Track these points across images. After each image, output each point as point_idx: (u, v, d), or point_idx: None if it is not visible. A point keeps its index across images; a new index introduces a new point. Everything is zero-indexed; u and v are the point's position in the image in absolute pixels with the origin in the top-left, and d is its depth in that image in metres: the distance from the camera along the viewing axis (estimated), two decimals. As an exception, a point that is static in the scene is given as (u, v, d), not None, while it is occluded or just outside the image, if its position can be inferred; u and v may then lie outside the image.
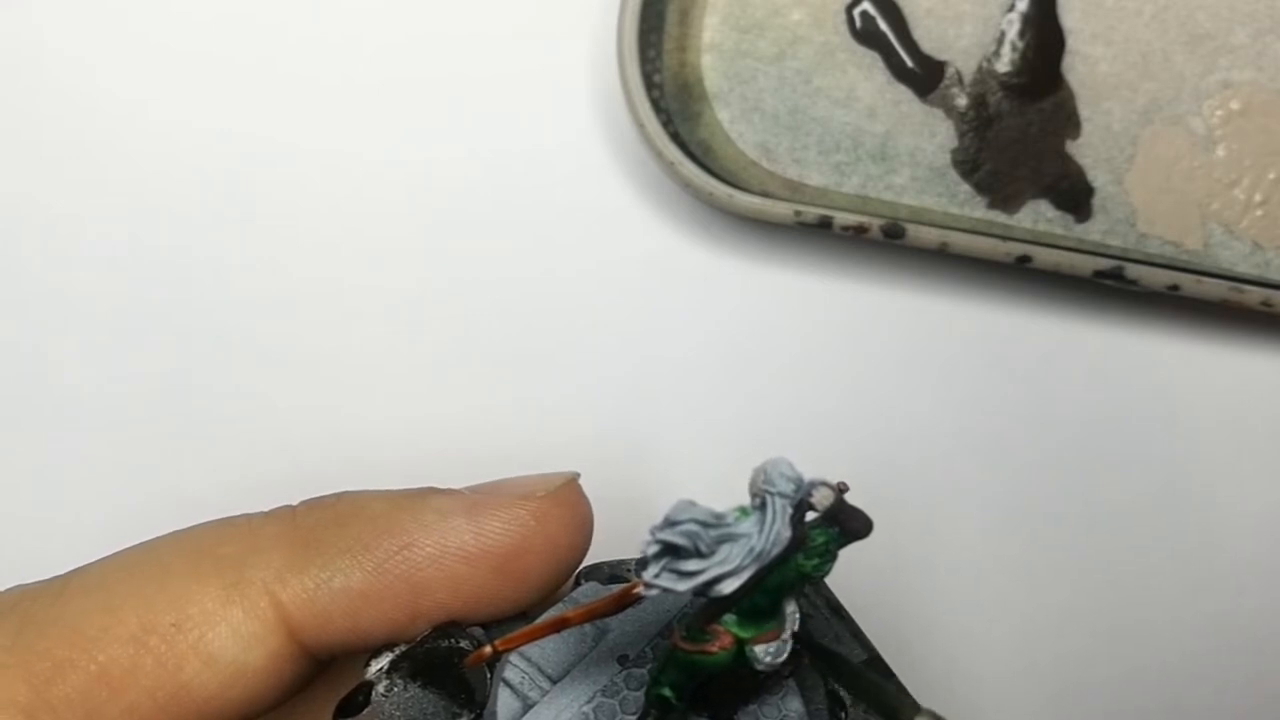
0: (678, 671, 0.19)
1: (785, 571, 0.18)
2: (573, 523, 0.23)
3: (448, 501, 0.22)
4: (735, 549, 0.18)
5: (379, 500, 0.22)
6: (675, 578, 0.18)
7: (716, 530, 0.18)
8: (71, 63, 0.35)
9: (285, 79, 0.36)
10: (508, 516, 0.22)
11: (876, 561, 0.35)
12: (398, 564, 0.22)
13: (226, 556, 0.22)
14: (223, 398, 0.35)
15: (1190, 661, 0.36)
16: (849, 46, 0.34)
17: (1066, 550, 0.36)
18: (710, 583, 0.18)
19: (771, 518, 0.18)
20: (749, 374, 0.36)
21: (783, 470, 0.18)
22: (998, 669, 0.36)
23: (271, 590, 0.21)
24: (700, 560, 0.18)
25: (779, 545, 0.18)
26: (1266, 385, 0.36)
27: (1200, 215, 0.34)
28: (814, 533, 0.19)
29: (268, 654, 0.21)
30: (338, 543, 0.22)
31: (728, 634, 0.19)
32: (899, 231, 0.33)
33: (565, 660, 0.21)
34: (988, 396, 0.36)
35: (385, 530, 0.22)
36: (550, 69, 0.35)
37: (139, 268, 0.35)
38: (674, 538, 0.17)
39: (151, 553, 0.22)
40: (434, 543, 0.22)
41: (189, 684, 0.21)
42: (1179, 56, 0.34)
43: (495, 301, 0.36)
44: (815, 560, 0.19)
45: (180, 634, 0.21)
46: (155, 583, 0.21)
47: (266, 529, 0.22)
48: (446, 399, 0.35)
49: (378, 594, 0.22)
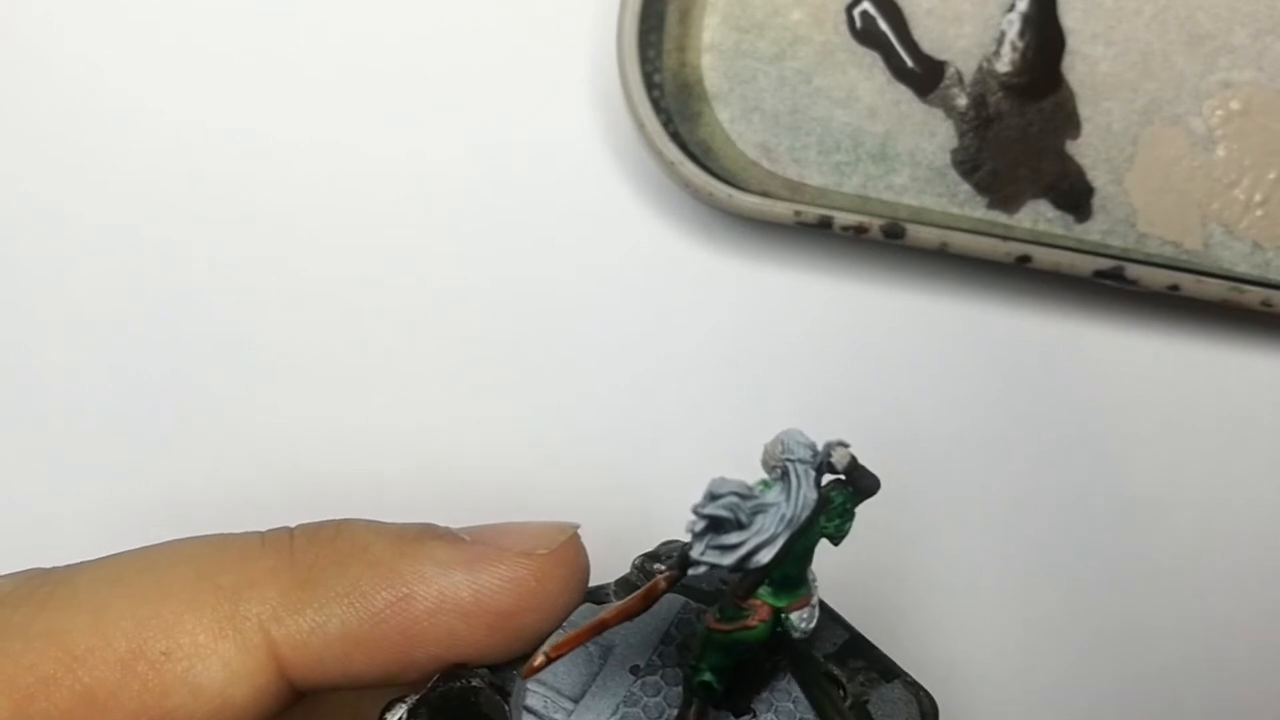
0: (718, 655, 0.20)
1: (810, 536, 0.19)
2: (571, 580, 0.22)
3: (447, 552, 0.22)
4: (768, 519, 0.18)
5: (379, 542, 0.22)
6: (719, 553, 0.18)
7: (751, 501, 0.18)
8: (71, 60, 0.35)
9: (286, 83, 0.36)
10: (508, 575, 0.22)
11: (877, 561, 0.35)
12: (394, 614, 0.22)
13: (222, 586, 0.21)
14: (221, 396, 0.35)
15: (1190, 662, 0.36)
16: (849, 46, 0.34)
17: (1066, 550, 0.36)
18: (750, 554, 0.18)
19: (796, 484, 0.19)
20: (749, 373, 0.36)
21: (798, 438, 0.19)
22: (998, 668, 0.36)
23: (266, 628, 0.21)
24: (740, 532, 0.18)
25: (808, 509, 0.19)
26: (1266, 385, 0.36)
27: (1200, 215, 0.34)
28: (833, 495, 0.19)
29: (255, 689, 0.21)
30: (336, 586, 0.22)
31: (765, 605, 0.20)
32: (899, 231, 0.33)
33: (580, 680, 0.21)
34: (988, 396, 0.36)
35: (384, 580, 0.22)
36: (550, 69, 0.35)
37: (138, 267, 0.35)
38: (719, 511, 0.18)
39: (144, 569, 0.22)
40: (433, 596, 0.22)
41: (173, 712, 0.21)
42: (1179, 56, 0.34)
43: (495, 301, 0.36)
44: (836, 521, 0.19)
45: (170, 662, 0.21)
46: (148, 605, 0.21)
47: (264, 561, 0.22)
48: (445, 399, 0.36)
49: (373, 642, 0.22)
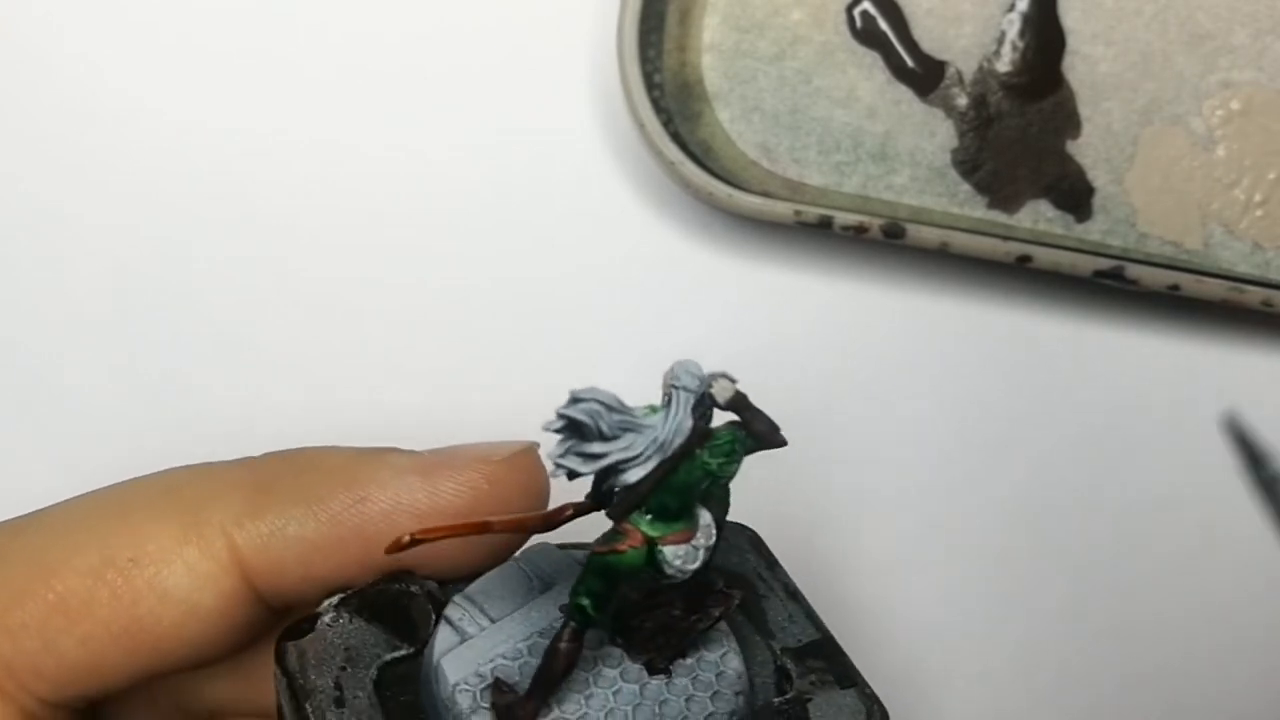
0: (595, 578, 0.19)
1: (692, 469, 0.19)
2: (528, 489, 0.23)
3: (404, 460, 0.23)
4: (640, 439, 0.18)
5: (338, 454, 0.23)
6: (579, 460, 0.18)
7: (620, 416, 0.18)
8: (71, 60, 0.35)
9: (286, 85, 0.36)
10: (461, 479, 0.22)
11: (876, 561, 0.35)
12: (351, 516, 0.22)
13: (186, 498, 0.22)
14: (221, 395, 0.35)
15: (1190, 662, 0.36)
16: (849, 46, 0.34)
17: (1066, 550, 0.36)
18: (613, 468, 0.18)
19: (675, 410, 0.19)
20: (748, 374, 0.36)
21: (689, 368, 0.19)
22: (998, 668, 0.36)
23: (228, 532, 0.22)
24: (604, 443, 0.18)
25: (681, 435, 0.18)
26: (1266, 385, 0.36)
27: (1200, 215, 0.34)
28: (719, 431, 0.19)
29: (221, 594, 0.22)
30: (294, 491, 0.22)
31: (637, 532, 0.19)
32: (899, 231, 0.33)
33: (508, 605, 0.21)
34: (988, 396, 0.36)
35: (341, 483, 0.22)
36: (550, 69, 0.35)
37: (137, 265, 0.35)
38: (575, 413, 0.18)
39: (114, 493, 0.23)
40: (388, 498, 0.22)
41: (143, 618, 0.22)
42: (1179, 56, 0.34)
43: (495, 301, 0.36)
44: (720, 459, 0.19)
45: (137, 569, 0.22)
46: (115, 519, 0.22)
47: (227, 474, 0.23)
48: (445, 398, 0.36)
49: (331, 544, 0.22)
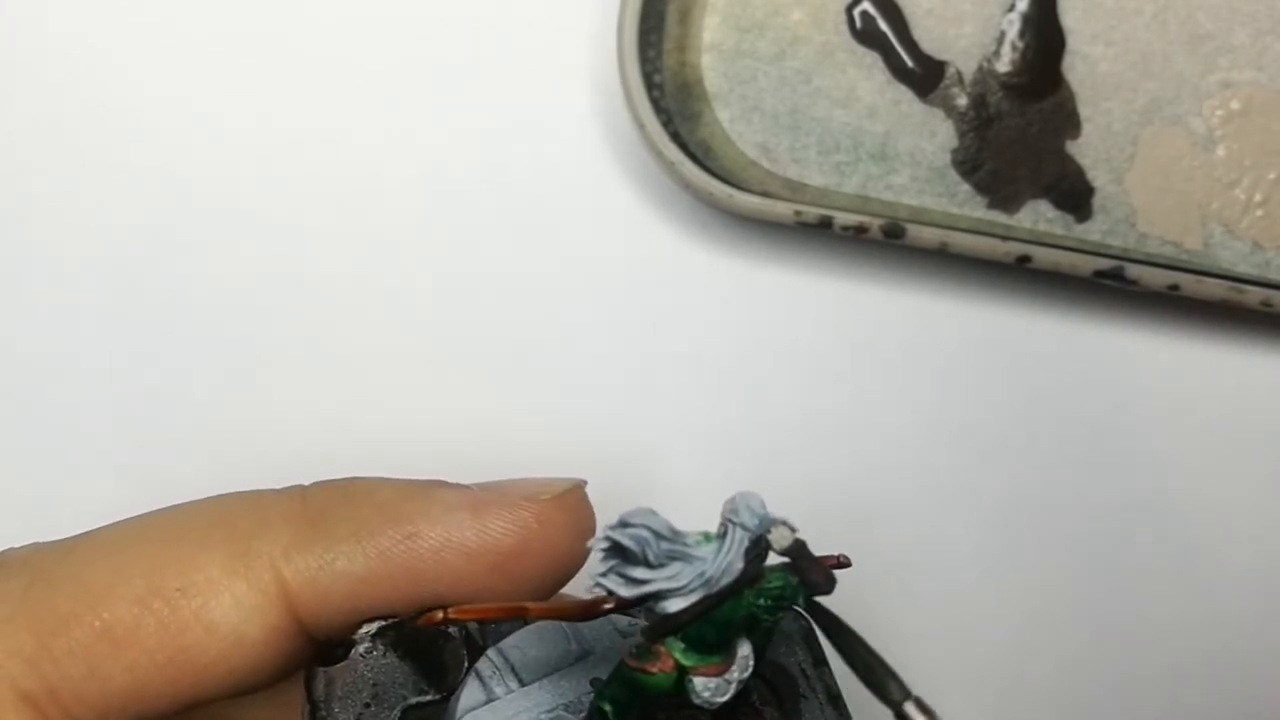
0: (621, 688, 0.19)
1: (737, 607, 0.18)
2: (575, 529, 0.23)
3: (454, 496, 0.23)
4: (687, 570, 0.18)
5: (388, 488, 0.23)
6: (621, 582, 0.18)
7: (670, 545, 0.18)
8: (71, 60, 0.35)
9: (285, 83, 0.36)
10: (511, 517, 0.22)
11: (875, 561, 0.35)
12: (401, 552, 0.22)
13: (235, 528, 0.22)
14: (220, 394, 0.35)
15: (1189, 663, 0.36)
16: (849, 46, 0.34)
17: (1066, 550, 0.36)
18: (654, 596, 0.18)
19: (728, 547, 0.18)
20: (748, 374, 0.36)
21: (750, 504, 0.18)
22: (998, 669, 0.36)
23: (276, 565, 0.22)
24: (649, 570, 0.18)
25: (729, 575, 0.18)
26: (1266, 385, 0.36)
27: (1200, 215, 0.34)
28: (772, 575, 0.18)
29: (267, 627, 0.22)
30: (344, 525, 0.22)
31: (669, 657, 0.19)
32: (899, 231, 0.33)
33: (540, 670, 0.21)
34: (988, 396, 0.36)
35: (391, 518, 0.22)
36: (550, 69, 0.35)
37: (137, 264, 0.35)
38: (622, 538, 0.18)
39: (163, 519, 0.23)
40: (438, 535, 0.22)
41: (189, 649, 0.21)
42: (1179, 56, 0.34)
43: (495, 301, 0.36)
44: (768, 603, 0.18)
45: (184, 599, 0.21)
46: (163, 547, 0.22)
47: (277, 505, 0.23)
48: (445, 398, 0.36)
49: (379, 579, 0.22)
